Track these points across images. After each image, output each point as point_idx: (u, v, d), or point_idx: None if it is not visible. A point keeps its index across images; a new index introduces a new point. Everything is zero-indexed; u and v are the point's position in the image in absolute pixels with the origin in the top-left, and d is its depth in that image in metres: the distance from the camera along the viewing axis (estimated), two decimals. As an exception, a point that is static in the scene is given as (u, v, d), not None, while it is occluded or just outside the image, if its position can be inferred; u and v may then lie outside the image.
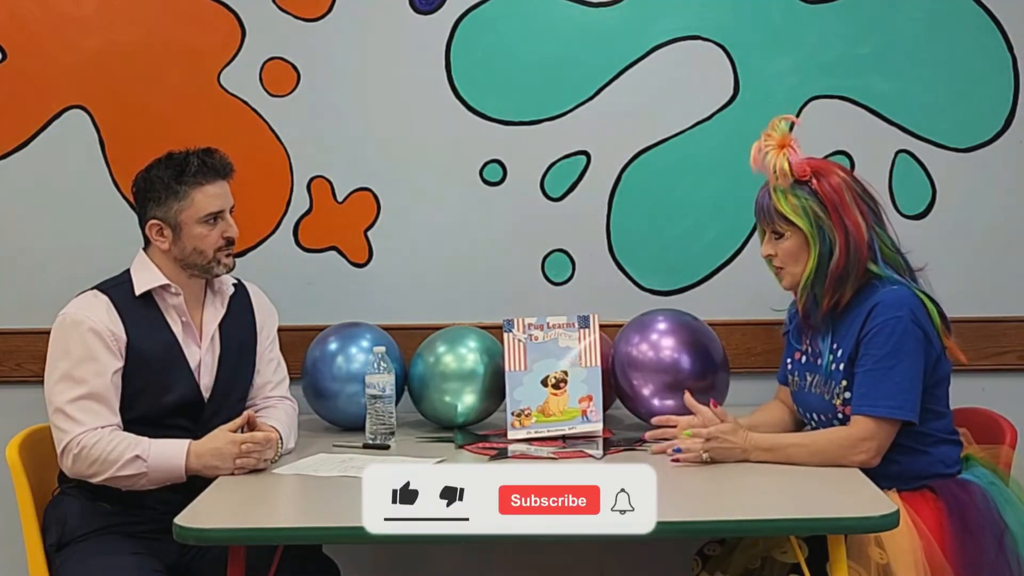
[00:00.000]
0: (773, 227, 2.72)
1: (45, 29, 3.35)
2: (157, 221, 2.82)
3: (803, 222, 2.67)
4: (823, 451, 2.63)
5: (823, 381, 2.74)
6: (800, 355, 2.84)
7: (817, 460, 2.62)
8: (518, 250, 3.41)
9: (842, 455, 2.62)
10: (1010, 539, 2.61)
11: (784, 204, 2.68)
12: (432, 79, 3.37)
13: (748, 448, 2.64)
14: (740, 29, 3.35)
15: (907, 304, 2.64)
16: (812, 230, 2.67)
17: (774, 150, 2.69)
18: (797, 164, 2.68)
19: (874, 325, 2.64)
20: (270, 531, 2.42)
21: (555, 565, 3.44)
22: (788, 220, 2.69)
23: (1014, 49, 3.33)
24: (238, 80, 3.37)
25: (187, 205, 2.80)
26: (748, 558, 2.77)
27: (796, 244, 2.70)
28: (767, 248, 2.75)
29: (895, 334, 2.62)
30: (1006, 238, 3.38)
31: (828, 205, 2.67)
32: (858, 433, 2.62)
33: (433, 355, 3.12)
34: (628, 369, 3.06)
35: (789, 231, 2.70)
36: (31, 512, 2.77)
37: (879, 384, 2.62)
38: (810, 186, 2.68)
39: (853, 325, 2.69)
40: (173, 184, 2.80)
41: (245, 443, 2.66)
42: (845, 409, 2.68)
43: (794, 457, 2.63)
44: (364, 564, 3.45)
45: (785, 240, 2.71)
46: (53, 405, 2.73)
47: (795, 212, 2.68)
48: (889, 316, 2.63)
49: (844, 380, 2.69)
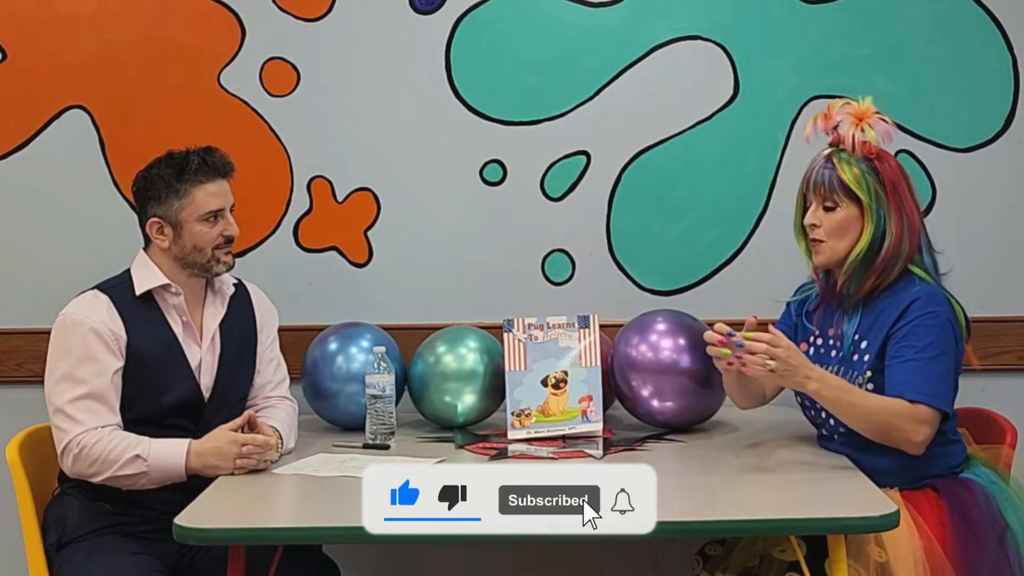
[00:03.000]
0: (828, 198, 2.68)
1: (45, 29, 3.35)
2: (157, 219, 2.82)
3: (864, 194, 2.65)
4: (883, 419, 2.58)
5: (843, 371, 2.72)
6: (808, 347, 2.81)
7: (872, 422, 2.58)
8: (518, 250, 3.41)
9: (900, 428, 2.58)
10: (1011, 538, 2.61)
11: (848, 173, 2.66)
12: (432, 79, 3.37)
13: (812, 375, 2.57)
14: (740, 29, 3.35)
15: (942, 302, 2.65)
16: (872, 203, 2.65)
17: (852, 118, 2.68)
18: (873, 138, 2.67)
19: (913, 319, 2.63)
20: (270, 531, 2.42)
21: (555, 565, 3.44)
22: (849, 191, 2.66)
23: (1014, 49, 3.33)
24: (238, 80, 3.37)
25: (188, 203, 2.80)
26: (747, 556, 2.77)
27: (848, 217, 2.68)
28: (812, 218, 2.70)
29: (934, 328, 2.62)
30: (1006, 238, 3.38)
31: (888, 186, 2.67)
32: (919, 415, 2.58)
33: (433, 355, 3.12)
34: (627, 370, 3.06)
35: (844, 203, 2.67)
36: (31, 512, 2.77)
37: (925, 374, 2.60)
38: (873, 164, 2.68)
39: (884, 315, 2.68)
40: (174, 182, 2.80)
41: (246, 444, 2.66)
42: None
43: (854, 406, 2.58)
44: (364, 564, 3.45)
45: (837, 212, 2.68)
46: (53, 405, 2.73)
47: (858, 183, 2.65)
48: (930, 310, 2.63)
49: (869, 371, 2.67)
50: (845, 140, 2.69)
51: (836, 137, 2.72)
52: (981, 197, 3.37)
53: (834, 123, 2.72)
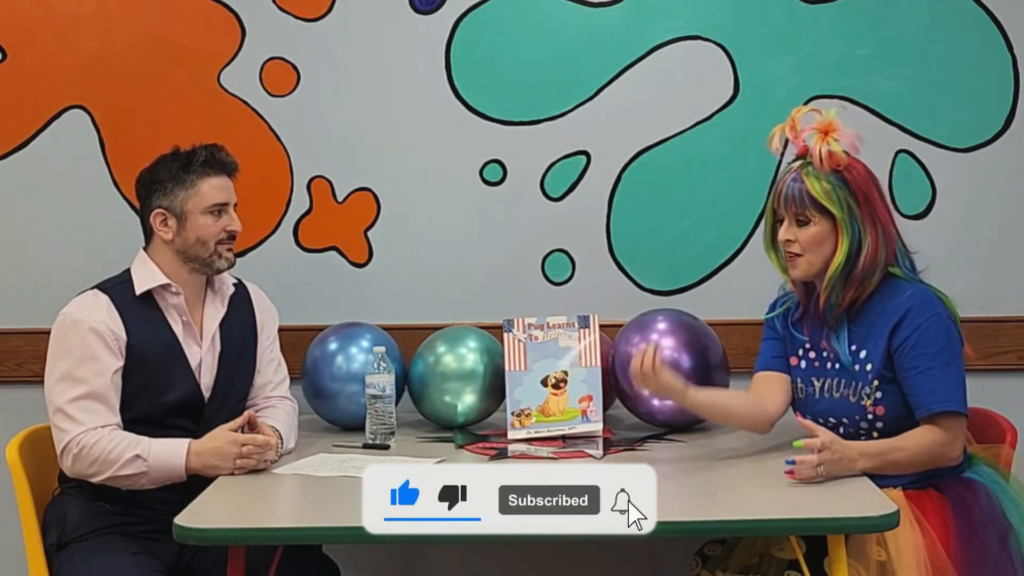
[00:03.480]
0: (800, 213, 2.67)
1: (45, 29, 3.35)
2: (162, 210, 2.83)
3: (836, 209, 2.64)
4: (924, 455, 2.60)
5: (846, 383, 2.71)
6: (799, 360, 2.81)
7: (918, 463, 2.61)
8: (518, 250, 3.41)
9: (941, 454, 2.61)
10: (1014, 538, 2.61)
11: (817, 188, 2.64)
12: (432, 79, 3.37)
13: (855, 457, 2.56)
14: (740, 29, 3.35)
15: (936, 302, 2.66)
16: (845, 217, 2.64)
17: (818, 134, 2.67)
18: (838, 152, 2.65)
19: (919, 324, 2.62)
20: (270, 531, 2.42)
21: (555, 565, 3.44)
22: (820, 206, 2.65)
23: (1014, 49, 3.33)
24: (238, 80, 3.37)
25: (193, 194, 2.82)
26: (747, 555, 2.76)
27: (822, 232, 2.66)
28: (787, 233, 2.69)
29: (941, 331, 2.62)
30: (1006, 238, 3.38)
31: (859, 196, 2.65)
32: (952, 430, 2.60)
33: (433, 355, 3.12)
34: (627, 370, 3.05)
35: (817, 217, 2.66)
36: (31, 512, 2.77)
37: (946, 381, 2.61)
38: (842, 175, 2.66)
39: (878, 324, 2.67)
40: (181, 173, 2.82)
41: (246, 444, 2.66)
42: (876, 410, 2.66)
43: (899, 463, 2.60)
44: (364, 564, 3.45)
45: (811, 227, 2.67)
46: (53, 405, 2.73)
47: (828, 198, 2.64)
48: (930, 315, 2.63)
49: (875, 381, 2.66)
50: (812, 155, 2.66)
51: (803, 148, 2.70)
52: (981, 197, 3.37)
53: (802, 134, 2.70)
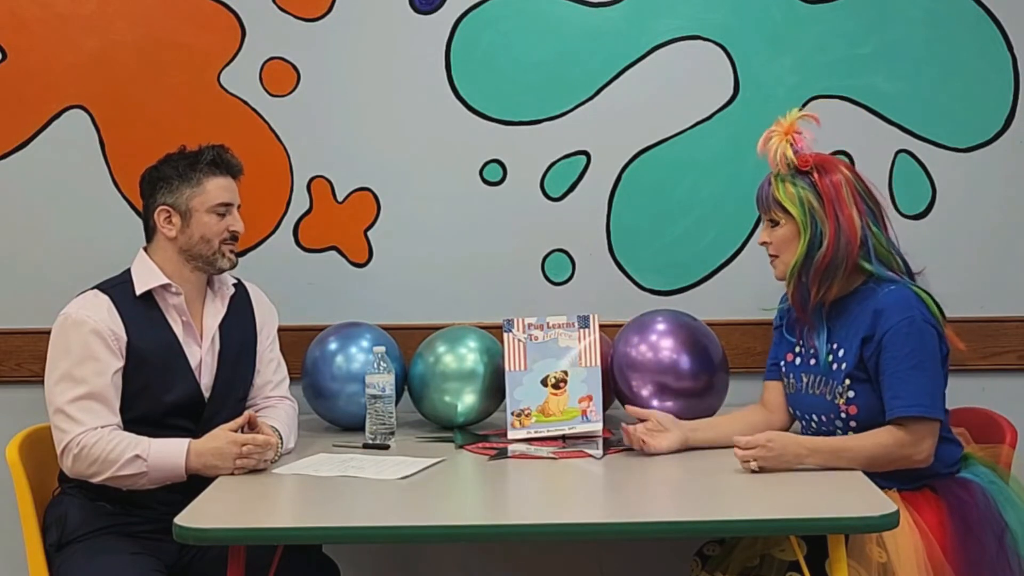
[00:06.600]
0: (770, 215, 2.76)
1: (45, 29, 3.35)
2: (167, 207, 2.83)
3: (796, 210, 2.71)
4: (882, 455, 2.61)
5: (822, 381, 2.74)
6: (793, 356, 2.84)
7: (875, 462, 2.61)
8: (518, 250, 3.41)
9: (904, 455, 2.61)
10: (1011, 538, 2.61)
11: (781, 191, 2.73)
12: (432, 79, 3.37)
13: (802, 452, 2.59)
14: (740, 29, 3.35)
15: (913, 303, 2.66)
16: (804, 219, 2.70)
17: (778, 136, 2.74)
18: (800, 154, 2.72)
19: (890, 327, 2.63)
20: (270, 531, 2.41)
21: (555, 565, 3.44)
22: (783, 207, 2.73)
23: (1014, 49, 3.33)
24: (238, 80, 3.37)
25: (199, 192, 2.82)
26: (747, 556, 2.77)
27: (789, 233, 2.73)
28: (763, 236, 2.80)
29: (913, 334, 2.63)
30: (1006, 238, 3.38)
31: (824, 198, 2.70)
32: (915, 432, 2.61)
33: (433, 355, 3.12)
34: (627, 370, 3.06)
35: (783, 219, 2.74)
36: (31, 512, 2.77)
37: (916, 383, 2.61)
38: (811, 178, 2.71)
39: (855, 325, 2.70)
40: (187, 171, 2.83)
41: (246, 444, 2.66)
42: (849, 409, 2.68)
43: (854, 461, 2.60)
44: (364, 564, 3.45)
45: (779, 228, 2.75)
46: (53, 405, 2.73)
47: (790, 200, 2.71)
48: (903, 317, 2.64)
49: (847, 380, 2.69)
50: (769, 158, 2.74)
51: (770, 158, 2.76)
52: (981, 197, 3.37)
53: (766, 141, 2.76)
